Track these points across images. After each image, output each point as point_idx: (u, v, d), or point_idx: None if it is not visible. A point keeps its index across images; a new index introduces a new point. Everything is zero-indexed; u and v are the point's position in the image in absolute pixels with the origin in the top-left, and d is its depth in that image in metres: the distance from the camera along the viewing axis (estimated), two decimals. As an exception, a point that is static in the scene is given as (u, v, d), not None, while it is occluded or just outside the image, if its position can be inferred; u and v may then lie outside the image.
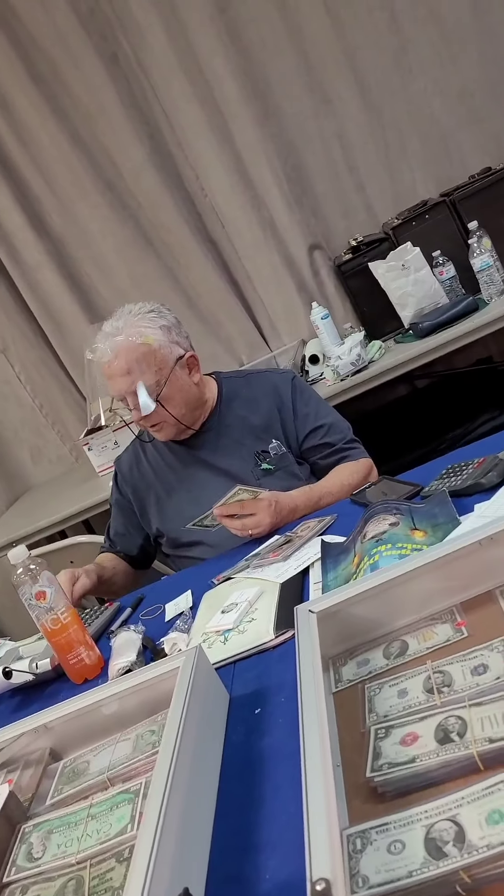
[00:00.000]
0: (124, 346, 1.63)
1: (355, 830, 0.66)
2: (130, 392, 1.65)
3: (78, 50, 2.84)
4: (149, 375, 1.64)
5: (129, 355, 1.63)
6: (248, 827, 0.79)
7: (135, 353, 1.63)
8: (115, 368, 1.65)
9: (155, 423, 1.70)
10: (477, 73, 2.82)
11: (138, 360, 1.63)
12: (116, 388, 1.67)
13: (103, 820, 0.87)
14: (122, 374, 1.64)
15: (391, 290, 2.69)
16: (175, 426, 1.72)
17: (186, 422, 1.73)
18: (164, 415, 1.68)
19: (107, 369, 1.66)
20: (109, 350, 1.64)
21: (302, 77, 2.87)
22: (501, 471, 1.24)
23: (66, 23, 2.81)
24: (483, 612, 0.89)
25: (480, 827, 0.60)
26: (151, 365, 1.64)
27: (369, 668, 0.90)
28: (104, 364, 1.66)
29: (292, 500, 1.59)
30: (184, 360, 1.71)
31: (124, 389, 1.65)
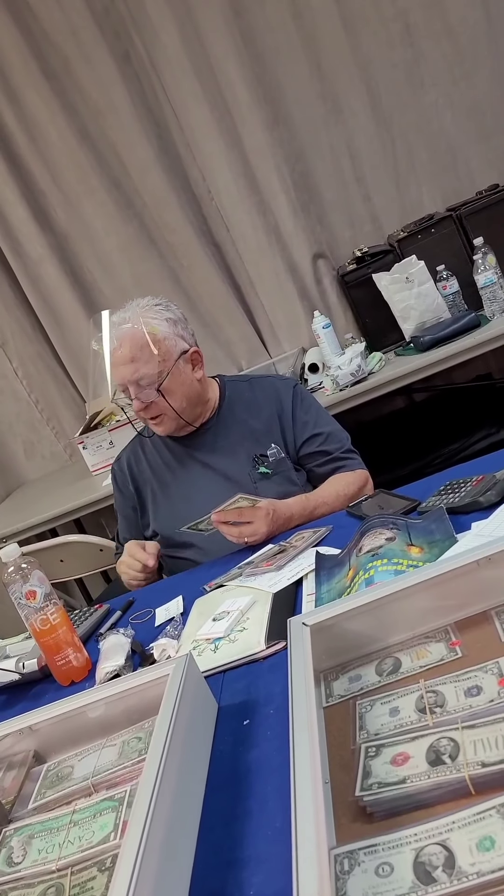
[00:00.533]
0: (129, 334, 1.65)
1: (343, 850, 0.65)
2: (133, 381, 1.65)
3: (90, 47, 2.84)
4: (152, 365, 1.65)
5: (133, 344, 1.64)
6: (233, 841, 0.78)
7: (139, 342, 1.64)
8: (119, 356, 1.66)
9: (155, 415, 1.70)
10: (489, 90, 2.83)
11: (142, 348, 1.64)
12: (119, 375, 1.67)
13: (86, 827, 0.85)
14: (126, 363, 1.65)
15: (394, 303, 2.69)
16: (175, 420, 1.72)
17: (186, 416, 1.73)
18: (164, 406, 1.68)
19: (112, 357, 1.67)
20: (115, 338, 1.66)
21: (314, 85, 2.87)
22: (500, 490, 1.23)
23: (79, 19, 2.80)
24: (478, 632, 0.89)
25: (471, 853, 0.59)
26: (155, 355, 1.65)
27: (361, 684, 0.89)
28: (110, 351, 1.68)
29: (288, 509, 1.59)
30: (188, 354, 1.72)
31: (127, 377, 1.65)
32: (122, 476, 1.87)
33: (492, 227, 2.61)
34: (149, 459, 1.84)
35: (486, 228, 2.61)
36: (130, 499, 1.85)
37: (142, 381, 1.65)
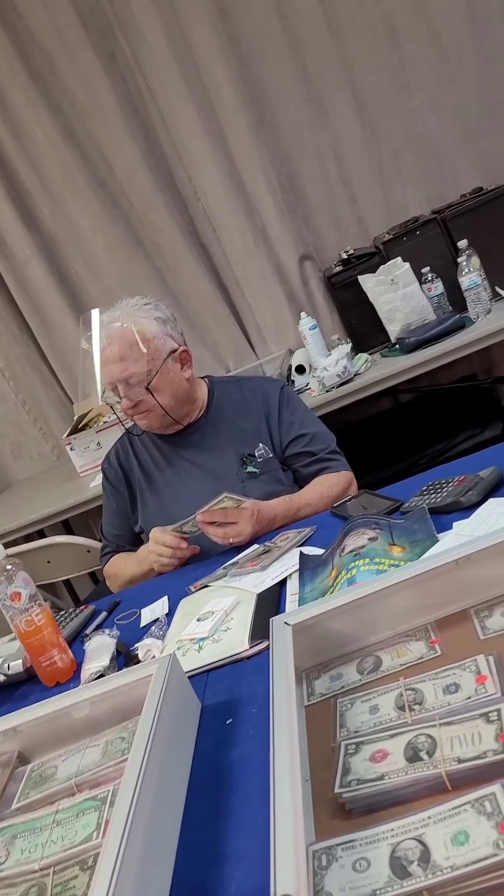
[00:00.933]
0: (119, 333, 1.66)
1: (321, 846, 0.66)
2: (122, 379, 1.66)
3: (76, 46, 2.84)
4: (141, 364, 1.66)
5: (122, 342, 1.66)
6: (215, 838, 0.79)
7: (128, 340, 1.66)
8: (108, 355, 1.67)
9: (143, 410, 1.71)
10: (473, 94, 2.85)
11: (132, 347, 1.65)
12: (109, 374, 1.68)
13: (69, 826, 0.86)
14: (115, 361, 1.66)
15: (379, 305, 2.70)
16: (161, 417, 1.73)
17: (174, 414, 1.74)
18: (153, 404, 1.69)
19: (101, 356, 1.68)
20: (105, 337, 1.67)
21: (299, 88, 2.89)
22: (481, 490, 1.25)
23: (64, 19, 2.80)
24: (457, 631, 0.90)
25: (446, 847, 0.60)
26: (144, 354, 1.66)
27: (342, 683, 0.90)
28: (99, 350, 1.69)
29: (272, 510, 1.60)
30: (176, 353, 1.73)
31: (116, 376, 1.66)
32: (113, 472, 1.87)
33: (476, 230, 2.63)
34: (138, 457, 1.85)
35: (471, 231, 2.63)
36: (123, 496, 1.85)
37: (130, 379, 1.66)
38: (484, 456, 1.48)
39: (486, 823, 0.60)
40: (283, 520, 1.61)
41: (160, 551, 1.61)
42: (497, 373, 3.10)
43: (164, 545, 1.60)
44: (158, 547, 1.61)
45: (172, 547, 1.60)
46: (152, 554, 1.64)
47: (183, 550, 1.60)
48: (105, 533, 1.91)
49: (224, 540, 1.54)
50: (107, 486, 1.89)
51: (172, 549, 1.60)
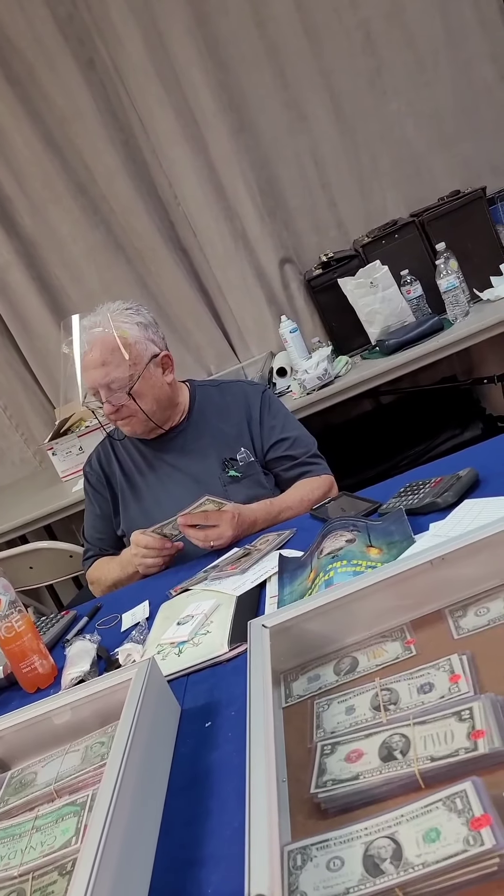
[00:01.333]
0: (100, 338, 1.66)
1: (296, 846, 0.67)
2: (103, 384, 1.66)
3: (55, 53, 2.84)
4: (122, 369, 1.66)
5: (104, 348, 1.65)
6: (193, 841, 0.79)
7: (110, 346, 1.65)
8: (89, 360, 1.67)
9: (126, 416, 1.71)
10: (449, 99, 2.88)
11: (113, 352, 1.65)
12: (90, 379, 1.67)
13: (48, 832, 0.86)
14: (97, 366, 1.66)
15: (359, 307, 2.72)
16: (144, 422, 1.73)
17: (156, 419, 1.74)
18: (135, 409, 1.70)
19: (82, 361, 1.68)
20: (86, 342, 1.67)
21: (278, 93, 2.91)
22: (457, 491, 1.26)
23: (43, 26, 2.81)
24: (432, 630, 0.91)
25: (417, 845, 0.61)
26: (126, 359, 1.66)
27: (319, 684, 0.91)
28: (81, 355, 1.68)
29: (252, 514, 1.60)
30: (158, 358, 1.74)
31: (98, 381, 1.66)
32: (95, 476, 1.87)
33: (453, 233, 2.66)
34: (119, 460, 1.85)
35: (448, 234, 2.65)
36: (106, 498, 1.85)
37: (112, 384, 1.66)
38: (461, 457, 1.50)
39: (457, 820, 0.61)
40: (264, 523, 1.62)
41: (144, 553, 1.61)
42: (477, 374, 3.13)
43: (147, 547, 1.60)
44: (142, 549, 1.61)
45: (156, 548, 1.60)
46: (136, 557, 1.63)
47: (168, 549, 1.60)
48: (87, 537, 1.90)
49: (205, 543, 1.54)
50: (88, 490, 1.89)
51: (157, 549, 1.60)
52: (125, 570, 1.71)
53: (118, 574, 1.73)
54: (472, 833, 0.60)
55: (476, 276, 2.66)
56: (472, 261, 2.67)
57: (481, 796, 0.62)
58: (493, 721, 0.70)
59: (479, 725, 0.70)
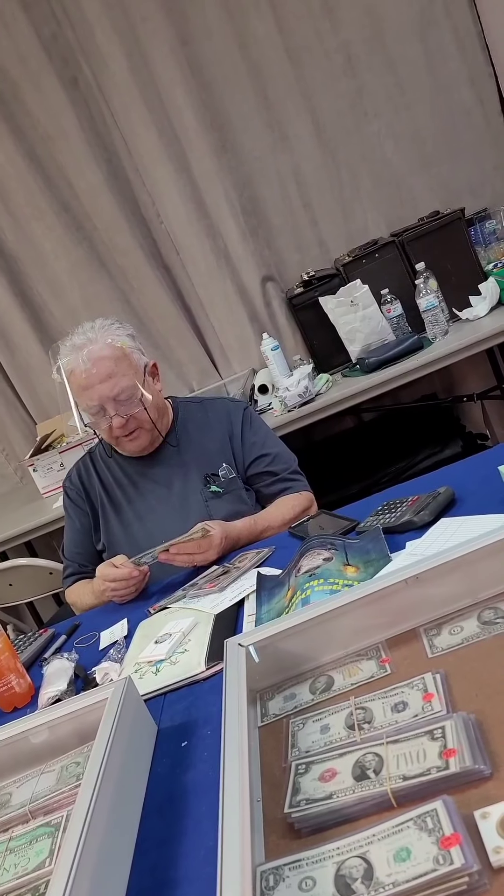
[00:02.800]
0: (99, 353, 1.64)
1: (269, 867, 0.67)
2: (112, 397, 1.64)
3: (39, 72, 2.86)
4: (129, 377, 1.65)
5: (107, 360, 1.64)
6: (167, 862, 0.79)
7: (113, 358, 1.64)
8: (94, 376, 1.63)
9: (133, 429, 1.70)
10: (429, 122, 2.93)
11: (118, 363, 1.64)
12: (97, 395, 1.64)
13: (22, 854, 0.86)
14: (103, 380, 1.63)
15: (340, 325, 2.75)
16: (150, 432, 1.74)
17: (159, 428, 1.76)
18: (143, 419, 1.70)
19: (83, 380, 1.64)
20: (86, 359, 1.63)
21: (260, 114, 2.94)
22: (433, 509, 1.27)
23: (27, 45, 2.83)
24: (407, 649, 0.92)
25: (388, 864, 0.62)
26: (130, 367, 1.66)
27: (295, 703, 0.91)
28: (79, 374, 1.64)
29: (237, 532, 1.61)
30: (149, 367, 1.75)
31: (106, 394, 1.63)
32: (75, 491, 1.86)
33: (433, 253, 2.70)
34: (100, 476, 1.85)
35: (428, 254, 2.69)
36: (86, 512, 1.84)
37: (121, 395, 1.64)
38: (439, 475, 1.52)
39: (427, 840, 0.62)
40: (247, 540, 1.63)
41: (113, 587, 1.58)
42: (457, 392, 3.16)
43: (115, 580, 1.58)
44: (109, 584, 1.58)
45: (123, 579, 1.57)
46: (106, 592, 1.61)
47: (135, 578, 1.57)
48: (66, 553, 1.89)
49: (189, 564, 1.54)
50: (68, 505, 1.88)
51: (125, 582, 1.57)
52: (100, 599, 1.69)
53: (93, 601, 1.72)
54: (441, 852, 0.60)
55: (455, 295, 2.70)
56: (451, 280, 2.70)
57: (451, 815, 0.63)
58: (465, 740, 0.71)
59: (451, 744, 0.71)
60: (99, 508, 1.83)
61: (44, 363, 3.17)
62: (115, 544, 1.79)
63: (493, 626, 0.88)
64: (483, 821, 0.63)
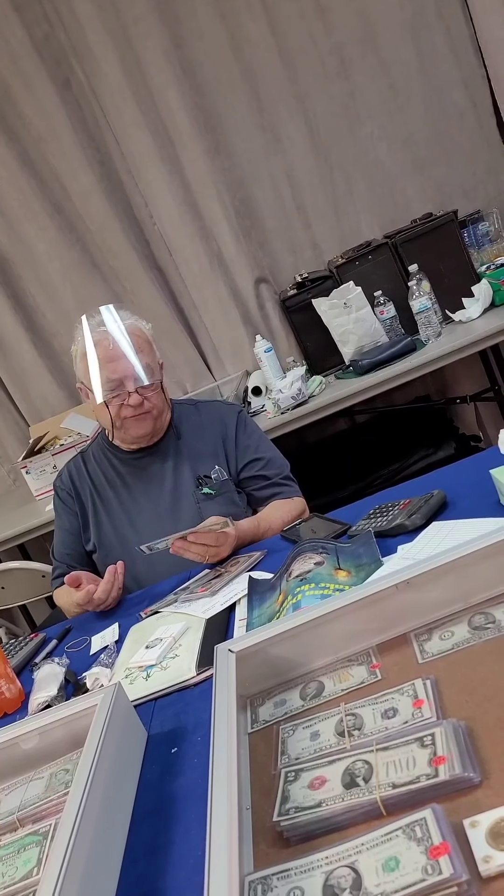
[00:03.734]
0: (131, 329, 1.69)
1: (258, 876, 0.66)
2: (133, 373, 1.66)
3: (31, 73, 2.85)
4: (153, 358, 1.71)
5: (135, 337, 1.68)
6: (155, 871, 0.78)
7: (145, 337, 1.71)
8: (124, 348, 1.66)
9: (146, 410, 1.70)
10: (422, 124, 2.93)
11: (147, 343, 1.71)
12: (123, 367, 1.66)
13: (9, 863, 0.85)
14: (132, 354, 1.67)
15: (333, 327, 2.75)
16: (155, 420, 1.74)
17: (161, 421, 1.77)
18: (156, 402, 1.71)
19: (110, 351, 1.66)
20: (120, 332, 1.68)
21: (253, 116, 2.94)
22: (425, 513, 1.27)
23: (20, 46, 2.82)
24: (397, 655, 0.91)
25: (377, 874, 0.61)
26: (152, 352, 1.72)
27: (285, 709, 0.91)
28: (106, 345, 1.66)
29: (244, 534, 1.61)
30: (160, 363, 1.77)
31: (131, 368, 1.66)
32: (65, 491, 1.85)
33: (426, 255, 2.70)
34: (91, 477, 1.84)
35: (421, 256, 2.69)
36: (75, 512, 1.83)
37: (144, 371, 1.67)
38: (431, 478, 1.51)
39: (416, 849, 0.61)
40: (250, 542, 1.62)
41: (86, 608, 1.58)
42: (450, 394, 3.16)
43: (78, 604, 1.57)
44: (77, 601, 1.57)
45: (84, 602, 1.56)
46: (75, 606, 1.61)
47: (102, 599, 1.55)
48: (56, 554, 1.87)
49: (201, 559, 1.51)
50: (58, 504, 1.87)
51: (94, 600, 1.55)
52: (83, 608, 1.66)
53: (77, 610, 1.70)
54: (430, 862, 0.60)
55: (448, 297, 2.70)
56: (444, 282, 2.70)
57: (440, 824, 0.62)
58: (455, 747, 0.70)
59: (441, 751, 0.70)
60: (89, 508, 1.82)
61: (37, 365, 3.16)
62: (106, 544, 1.78)
63: (483, 631, 0.87)
64: (472, 829, 0.62)
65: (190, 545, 1.49)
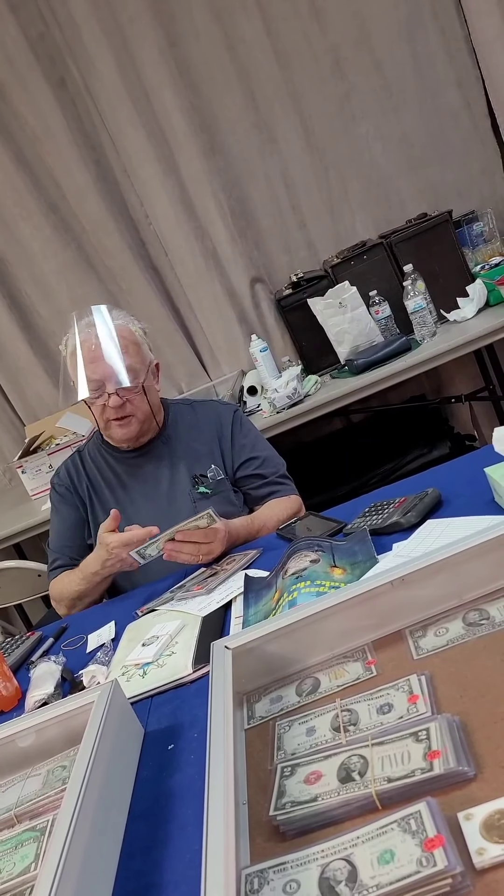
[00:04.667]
0: (121, 330, 1.67)
1: (254, 870, 0.67)
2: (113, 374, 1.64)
3: (26, 72, 2.85)
4: (138, 360, 1.68)
5: (122, 338, 1.66)
6: (152, 866, 0.79)
7: (129, 338, 1.68)
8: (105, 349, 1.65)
9: (126, 414, 1.69)
10: (416, 124, 2.94)
11: (132, 344, 1.68)
12: (102, 369, 1.64)
13: (7, 859, 0.85)
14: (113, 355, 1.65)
15: (328, 327, 2.75)
16: (140, 423, 1.73)
17: (148, 424, 1.76)
18: (138, 405, 1.70)
19: (92, 352, 1.64)
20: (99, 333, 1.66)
21: (249, 116, 2.94)
22: (420, 511, 1.28)
23: (14, 45, 2.82)
24: (392, 651, 0.92)
25: (372, 867, 0.62)
26: (138, 354, 1.69)
27: (281, 705, 0.91)
28: (89, 346, 1.65)
29: (237, 530, 1.61)
30: (153, 364, 1.77)
31: (111, 371, 1.64)
32: (64, 486, 1.84)
33: (421, 255, 2.71)
34: (88, 474, 1.84)
35: (416, 255, 2.70)
36: (75, 506, 1.82)
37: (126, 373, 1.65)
38: (426, 477, 1.52)
39: (411, 842, 0.62)
40: (244, 539, 1.62)
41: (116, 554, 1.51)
42: (445, 393, 3.17)
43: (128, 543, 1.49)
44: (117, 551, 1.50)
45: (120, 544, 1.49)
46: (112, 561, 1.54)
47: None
48: (53, 547, 1.84)
49: (193, 560, 1.51)
50: (56, 500, 1.85)
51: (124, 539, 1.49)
52: (89, 581, 1.64)
53: (82, 586, 1.66)
54: (425, 854, 0.60)
55: (443, 297, 2.71)
56: (439, 282, 2.71)
57: (435, 817, 0.63)
58: (449, 741, 0.71)
59: (435, 746, 0.71)
60: (88, 507, 1.82)
61: (32, 365, 3.16)
62: None
63: (477, 627, 0.88)
64: (466, 822, 0.63)
65: (182, 546, 1.48)
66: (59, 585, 1.75)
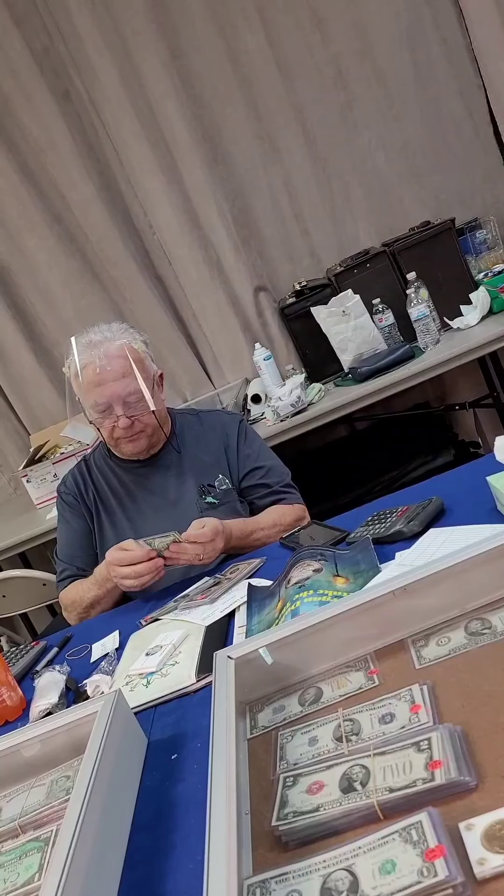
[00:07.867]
0: (118, 352, 1.65)
1: (256, 880, 0.67)
2: (121, 396, 1.64)
3: (30, 85, 2.88)
4: (141, 380, 1.65)
5: (123, 360, 1.65)
6: (156, 876, 0.79)
7: (129, 358, 1.65)
8: (108, 373, 1.63)
9: (138, 430, 1.70)
10: (418, 133, 2.95)
11: (135, 363, 1.65)
12: (109, 392, 1.64)
13: (11, 869, 0.86)
14: (116, 379, 1.64)
15: (332, 335, 2.76)
16: (149, 438, 1.74)
17: (158, 436, 1.77)
18: (147, 422, 1.70)
19: (97, 376, 1.64)
20: (102, 356, 1.64)
21: (251, 126, 2.96)
22: (422, 520, 1.28)
23: (19, 58, 2.84)
24: (395, 660, 0.92)
25: (374, 877, 0.62)
26: (143, 370, 1.67)
27: (284, 715, 0.91)
28: (92, 370, 1.64)
29: (230, 528, 1.61)
30: (157, 375, 1.76)
31: (118, 392, 1.64)
32: (71, 495, 1.84)
33: (423, 263, 2.71)
34: (94, 483, 1.84)
35: (419, 263, 2.71)
36: (82, 515, 1.82)
37: (131, 396, 1.65)
38: (429, 485, 1.52)
39: (412, 852, 0.62)
40: (238, 540, 1.62)
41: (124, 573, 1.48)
42: (449, 400, 3.17)
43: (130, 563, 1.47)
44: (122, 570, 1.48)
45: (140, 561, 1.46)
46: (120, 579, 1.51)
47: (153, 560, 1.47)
48: (61, 556, 1.83)
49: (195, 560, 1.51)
50: (63, 509, 1.85)
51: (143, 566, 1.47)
52: (103, 587, 1.63)
53: (95, 592, 1.66)
54: (426, 864, 0.60)
55: (446, 305, 2.71)
56: (442, 290, 2.72)
57: (436, 827, 0.63)
58: (451, 751, 0.71)
59: (437, 756, 0.71)
60: (94, 516, 1.82)
61: (37, 374, 3.18)
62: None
63: (480, 636, 0.88)
64: (467, 832, 0.63)
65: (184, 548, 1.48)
66: (72, 593, 1.74)
